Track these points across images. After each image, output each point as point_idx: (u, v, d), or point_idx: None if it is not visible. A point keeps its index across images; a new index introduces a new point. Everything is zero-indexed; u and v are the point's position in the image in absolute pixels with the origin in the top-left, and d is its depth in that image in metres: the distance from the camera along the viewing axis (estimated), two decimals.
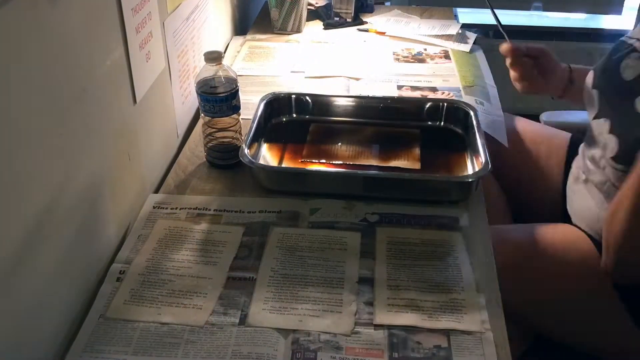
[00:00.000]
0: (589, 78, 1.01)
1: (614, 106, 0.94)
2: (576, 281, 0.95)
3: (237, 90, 0.98)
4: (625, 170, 0.87)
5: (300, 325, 0.73)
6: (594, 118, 0.98)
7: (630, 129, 0.88)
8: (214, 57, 0.96)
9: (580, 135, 1.14)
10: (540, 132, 1.24)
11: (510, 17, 2.30)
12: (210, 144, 1.02)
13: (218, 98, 0.96)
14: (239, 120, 1.02)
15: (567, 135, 1.20)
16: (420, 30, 1.60)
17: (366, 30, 1.60)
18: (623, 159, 0.90)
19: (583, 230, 1.00)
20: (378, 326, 0.73)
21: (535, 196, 1.19)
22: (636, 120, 0.87)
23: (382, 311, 0.75)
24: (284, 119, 1.15)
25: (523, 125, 1.25)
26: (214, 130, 1.00)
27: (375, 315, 0.74)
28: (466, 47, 1.51)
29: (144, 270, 0.81)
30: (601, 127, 0.95)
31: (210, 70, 0.97)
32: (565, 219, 1.07)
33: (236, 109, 0.99)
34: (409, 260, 0.83)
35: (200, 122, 1.02)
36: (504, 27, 1.11)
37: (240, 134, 1.03)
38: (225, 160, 1.02)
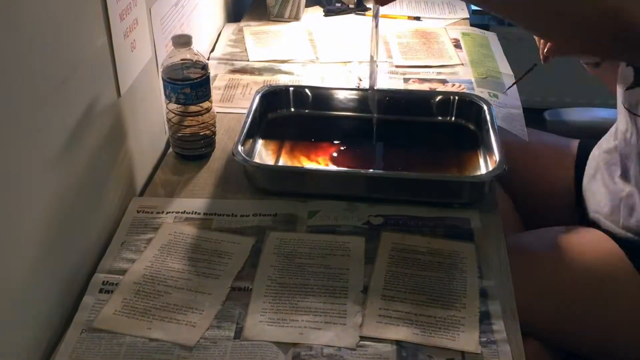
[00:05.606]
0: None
1: None
2: (605, 285, 0.95)
3: (208, 77, 0.99)
4: None
5: (301, 338, 0.73)
6: (628, 88, 0.99)
7: None
8: (183, 42, 0.96)
9: (588, 140, 1.15)
10: (546, 139, 1.26)
11: None
12: (179, 134, 1.03)
13: (188, 85, 0.97)
14: (211, 109, 1.03)
15: (575, 141, 1.21)
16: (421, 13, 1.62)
17: (363, 14, 1.61)
18: None
19: (603, 231, 1.01)
20: (381, 339, 0.73)
21: (545, 204, 1.20)
22: None
23: (371, 322, 0.75)
24: (282, 114, 1.15)
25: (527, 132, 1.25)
26: (183, 119, 1.01)
27: (364, 326, 0.74)
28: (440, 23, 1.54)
29: (141, 279, 0.81)
30: (637, 95, 0.96)
31: (178, 56, 0.98)
32: (581, 224, 1.07)
33: (207, 96, 1.00)
34: (411, 269, 0.83)
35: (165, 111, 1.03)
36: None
37: (213, 124, 1.04)
38: (192, 150, 1.04)
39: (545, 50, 1.06)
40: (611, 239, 0.98)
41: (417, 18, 1.58)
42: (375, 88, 1.09)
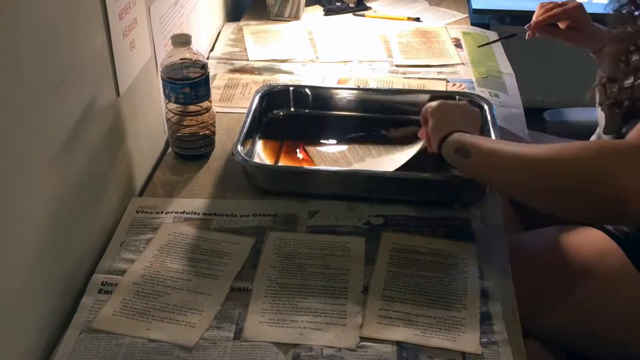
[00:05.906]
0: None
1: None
2: (604, 282, 0.95)
3: (208, 76, 1.00)
4: None
5: (301, 339, 0.73)
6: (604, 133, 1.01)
7: None
8: (182, 41, 0.96)
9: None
10: (545, 140, 1.26)
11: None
12: (178, 134, 1.03)
13: (188, 84, 0.97)
14: (210, 109, 1.03)
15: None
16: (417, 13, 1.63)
17: (362, 15, 1.61)
18: None
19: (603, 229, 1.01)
20: (381, 340, 0.73)
21: None
22: None
23: (371, 323, 0.75)
24: (281, 113, 1.15)
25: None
26: (182, 119, 1.01)
27: (364, 327, 0.74)
28: (440, 23, 1.56)
29: (140, 280, 0.81)
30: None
31: (178, 55, 0.98)
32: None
33: (206, 96, 1.00)
34: (411, 269, 0.83)
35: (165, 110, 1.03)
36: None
37: (213, 124, 1.05)
38: (192, 150, 1.04)
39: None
40: (609, 237, 0.98)
41: (417, 19, 1.58)
42: None
